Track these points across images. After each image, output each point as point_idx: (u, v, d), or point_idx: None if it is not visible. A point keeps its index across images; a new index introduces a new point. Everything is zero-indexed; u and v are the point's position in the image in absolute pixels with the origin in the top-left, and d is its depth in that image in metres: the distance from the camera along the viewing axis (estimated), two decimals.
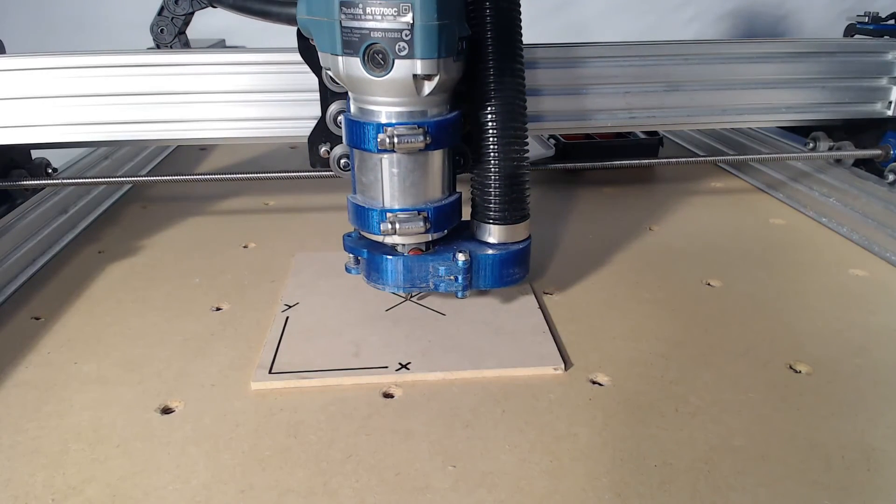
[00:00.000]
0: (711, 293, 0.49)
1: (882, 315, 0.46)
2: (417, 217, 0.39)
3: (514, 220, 0.42)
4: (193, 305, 0.48)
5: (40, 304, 0.48)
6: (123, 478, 0.32)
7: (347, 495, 0.31)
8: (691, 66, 0.56)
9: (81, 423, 0.36)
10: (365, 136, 0.38)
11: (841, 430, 0.35)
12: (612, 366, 0.40)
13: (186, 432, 0.35)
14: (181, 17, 0.58)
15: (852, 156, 0.63)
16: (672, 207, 0.66)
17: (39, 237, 0.55)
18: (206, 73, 0.52)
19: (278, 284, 0.51)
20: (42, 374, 0.40)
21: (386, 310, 0.46)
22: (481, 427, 0.35)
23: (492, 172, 0.41)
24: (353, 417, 0.36)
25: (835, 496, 0.31)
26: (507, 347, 0.42)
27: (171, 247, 0.58)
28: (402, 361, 0.40)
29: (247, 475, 0.32)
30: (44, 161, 0.60)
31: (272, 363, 0.40)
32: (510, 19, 0.40)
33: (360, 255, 0.43)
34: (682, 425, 0.35)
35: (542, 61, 0.54)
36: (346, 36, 0.35)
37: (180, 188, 0.72)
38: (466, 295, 0.42)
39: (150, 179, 0.74)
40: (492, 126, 0.40)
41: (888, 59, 0.60)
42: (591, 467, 0.33)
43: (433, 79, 0.36)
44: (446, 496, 0.31)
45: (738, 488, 0.31)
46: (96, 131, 0.53)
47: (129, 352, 0.42)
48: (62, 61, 0.51)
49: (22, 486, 0.31)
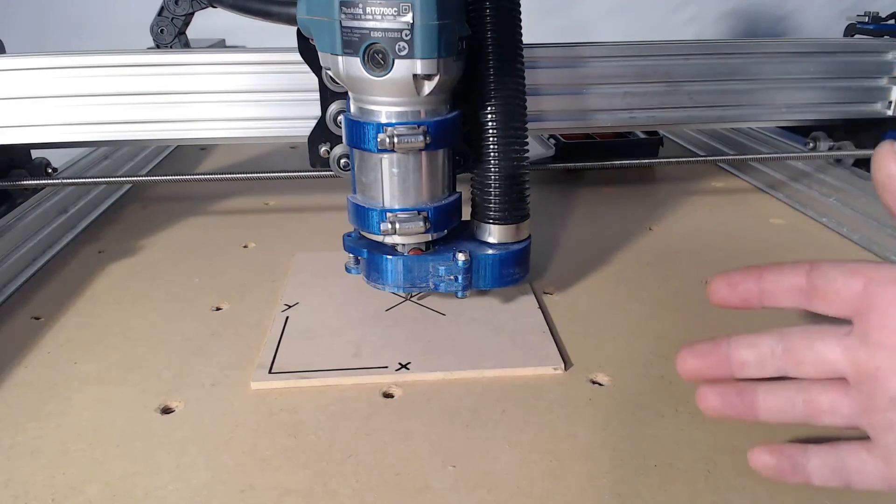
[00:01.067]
0: None
1: None
2: (417, 217, 0.39)
3: (514, 220, 0.42)
4: (193, 305, 0.48)
5: (40, 304, 0.48)
6: (123, 478, 0.32)
7: (347, 495, 0.31)
8: (691, 66, 0.56)
9: (81, 423, 0.36)
10: (365, 135, 0.38)
11: (841, 430, 0.35)
12: (612, 366, 0.40)
13: (186, 432, 0.35)
14: (181, 18, 0.58)
15: (852, 156, 0.63)
16: (672, 207, 0.66)
17: (39, 237, 0.55)
18: (206, 73, 0.52)
19: (278, 284, 0.51)
20: (42, 374, 0.40)
21: (386, 310, 0.46)
22: (481, 427, 0.35)
23: (492, 172, 0.41)
24: (353, 417, 0.36)
25: (835, 496, 0.31)
26: (507, 347, 0.42)
27: (171, 247, 0.58)
28: (402, 361, 0.40)
29: (247, 475, 0.32)
30: (44, 161, 0.60)
31: (272, 363, 0.40)
32: (510, 19, 0.40)
33: (360, 255, 0.43)
34: (682, 425, 0.35)
35: (543, 61, 0.54)
36: (346, 36, 0.35)
37: (180, 188, 0.72)
38: (466, 295, 0.42)
39: (150, 179, 0.74)
40: (492, 126, 0.40)
41: (888, 59, 0.60)
42: (591, 467, 0.33)
43: (433, 79, 0.36)
44: (446, 496, 0.31)
45: (738, 488, 0.31)
46: (96, 131, 0.53)
47: (129, 352, 0.42)
48: (62, 61, 0.51)
49: (22, 486, 0.31)
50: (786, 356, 0.28)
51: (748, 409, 0.29)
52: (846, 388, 0.27)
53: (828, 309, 0.27)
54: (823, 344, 0.27)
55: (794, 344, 0.28)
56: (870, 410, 0.26)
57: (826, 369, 0.27)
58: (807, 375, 0.28)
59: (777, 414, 0.29)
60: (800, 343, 0.28)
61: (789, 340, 0.28)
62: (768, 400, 0.29)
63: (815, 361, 0.27)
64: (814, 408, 0.28)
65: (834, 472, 0.27)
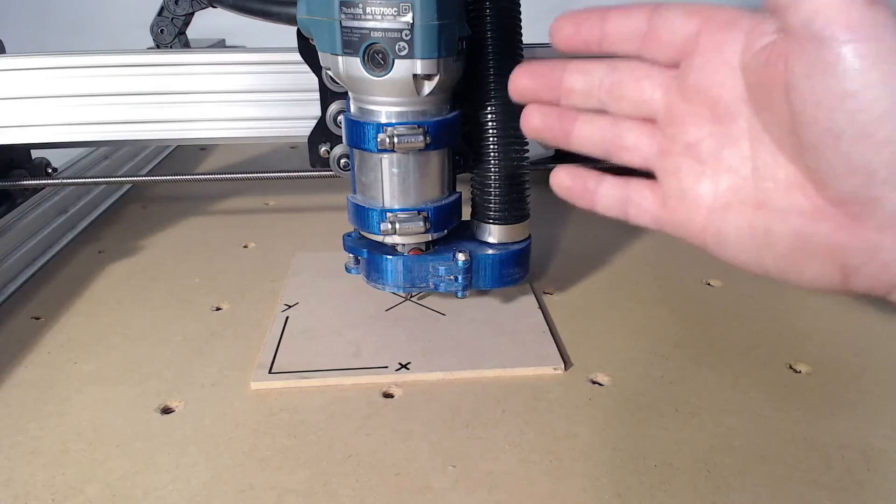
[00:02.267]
0: (711, 293, 0.49)
1: (882, 314, 0.46)
2: (417, 217, 0.39)
3: (514, 220, 0.42)
4: (193, 305, 0.48)
5: (40, 304, 0.48)
6: (123, 478, 0.32)
7: (347, 495, 0.31)
8: None
9: (81, 423, 0.36)
10: (365, 135, 0.38)
11: (841, 430, 0.35)
12: (612, 366, 0.40)
13: (186, 432, 0.35)
14: (181, 18, 0.58)
15: None
16: None
17: (39, 237, 0.55)
18: (206, 73, 0.52)
19: (278, 284, 0.51)
20: (42, 374, 0.40)
21: (386, 310, 0.46)
22: (481, 427, 0.36)
23: (492, 172, 0.41)
24: (353, 417, 0.36)
25: (835, 496, 0.31)
26: (507, 347, 0.42)
27: (171, 247, 0.58)
28: (402, 361, 0.40)
29: (247, 475, 0.32)
30: (44, 161, 0.60)
31: (272, 363, 0.40)
32: (510, 19, 0.40)
33: (360, 255, 0.43)
34: (682, 425, 0.35)
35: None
36: (346, 36, 0.35)
37: (180, 188, 0.73)
38: (466, 295, 0.42)
39: (150, 179, 0.74)
40: (492, 126, 0.40)
41: None
42: (591, 467, 0.33)
43: (433, 79, 0.36)
44: (446, 496, 0.31)
45: (738, 488, 0.31)
46: (96, 131, 0.52)
47: (129, 352, 0.42)
48: (62, 61, 0.51)
49: (22, 486, 0.32)
50: (611, 89, 0.28)
51: (564, 133, 0.30)
52: (653, 130, 0.28)
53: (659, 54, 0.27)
54: (649, 81, 0.27)
55: (622, 77, 0.28)
56: (665, 153, 0.28)
57: (642, 109, 0.28)
58: (623, 113, 0.29)
59: (587, 144, 0.30)
60: (627, 77, 0.28)
61: (619, 73, 0.28)
62: (583, 129, 0.30)
63: (634, 100, 0.28)
64: (618, 143, 0.29)
65: (617, 202, 0.29)
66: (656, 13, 0.27)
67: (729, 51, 0.25)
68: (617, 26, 0.28)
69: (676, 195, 0.28)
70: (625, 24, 0.27)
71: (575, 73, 0.29)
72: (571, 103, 0.30)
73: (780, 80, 0.22)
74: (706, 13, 0.26)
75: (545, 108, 0.30)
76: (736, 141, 0.26)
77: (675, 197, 0.28)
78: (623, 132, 0.29)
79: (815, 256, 0.24)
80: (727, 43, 0.25)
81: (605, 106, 0.29)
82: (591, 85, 0.29)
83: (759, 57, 0.24)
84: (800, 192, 0.24)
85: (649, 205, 0.29)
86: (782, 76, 0.22)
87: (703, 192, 0.27)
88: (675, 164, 0.27)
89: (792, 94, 0.22)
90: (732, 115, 0.26)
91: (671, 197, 0.28)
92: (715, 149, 0.26)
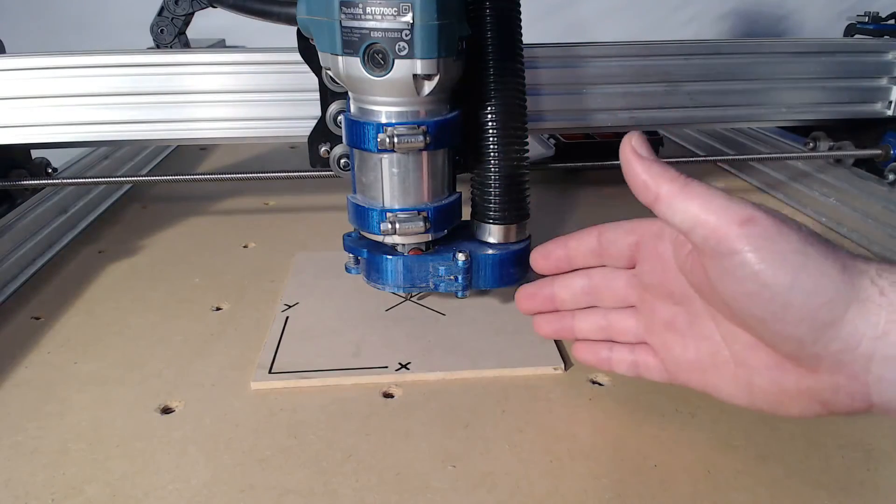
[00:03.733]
0: None
1: None
2: (417, 217, 0.39)
3: (514, 220, 0.42)
4: (193, 305, 0.48)
5: (40, 304, 0.48)
6: (123, 478, 0.32)
7: (347, 495, 0.31)
8: (691, 66, 0.56)
9: (81, 423, 0.36)
10: (365, 135, 0.38)
11: (841, 430, 0.35)
12: None
13: (186, 432, 0.35)
14: (181, 18, 0.58)
15: (852, 156, 0.63)
16: None
17: (39, 237, 0.55)
18: (206, 73, 0.52)
19: (278, 284, 0.51)
20: (42, 374, 0.40)
21: (386, 310, 0.46)
22: (481, 427, 0.36)
23: (492, 172, 0.41)
24: (353, 417, 0.36)
25: (835, 496, 0.31)
26: (506, 347, 0.42)
27: (171, 247, 0.58)
28: (402, 361, 0.40)
29: (247, 475, 0.32)
30: (44, 161, 0.60)
31: (272, 363, 0.40)
32: (510, 19, 0.40)
33: (360, 255, 0.43)
34: (682, 425, 0.35)
35: (543, 61, 0.54)
36: (346, 36, 0.35)
37: (180, 188, 0.72)
38: (466, 295, 0.42)
39: (150, 179, 0.74)
40: (492, 126, 0.40)
41: (888, 59, 0.59)
42: (591, 467, 0.33)
43: (433, 79, 0.36)
44: (446, 496, 0.31)
45: (738, 488, 0.31)
46: (96, 131, 0.52)
47: (129, 352, 0.42)
48: (62, 61, 0.51)
49: (22, 486, 0.32)
50: (591, 292, 0.36)
51: (569, 331, 0.37)
52: (637, 314, 0.35)
53: (616, 263, 0.35)
54: (618, 282, 0.35)
55: (597, 283, 0.36)
56: (650, 331, 0.34)
57: (621, 301, 0.35)
58: (608, 306, 0.36)
59: (589, 333, 0.37)
60: (600, 282, 0.36)
61: (594, 280, 0.36)
62: (582, 325, 0.37)
63: (612, 297, 0.36)
64: (612, 330, 0.36)
65: (629, 366, 0.35)
66: (602, 234, 0.35)
67: (665, 256, 0.32)
68: (576, 249, 0.36)
69: (671, 360, 0.33)
70: (581, 246, 0.36)
71: (561, 288, 0.37)
72: (566, 308, 0.37)
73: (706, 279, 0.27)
74: (640, 228, 0.33)
75: (549, 315, 0.38)
76: (700, 316, 0.31)
77: (670, 362, 0.33)
78: (613, 321, 0.36)
79: (794, 398, 0.28)
80: (661, 250, 0.32)
81: (593, 304, 0.36)
82: (575, 293, 0.36)
83: (686, 262, 0.30)
84: (763, 351, 0.28)
85: (655, 366, 0.34)
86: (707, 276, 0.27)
87: (690, 358, 0.32)
88: (662, 339, 0.33)
89: (718, 290, 0.27)
90: (689, 299, 0.31)
91: (668, 362, 0.33)
92: (688, 322, 0.32)
